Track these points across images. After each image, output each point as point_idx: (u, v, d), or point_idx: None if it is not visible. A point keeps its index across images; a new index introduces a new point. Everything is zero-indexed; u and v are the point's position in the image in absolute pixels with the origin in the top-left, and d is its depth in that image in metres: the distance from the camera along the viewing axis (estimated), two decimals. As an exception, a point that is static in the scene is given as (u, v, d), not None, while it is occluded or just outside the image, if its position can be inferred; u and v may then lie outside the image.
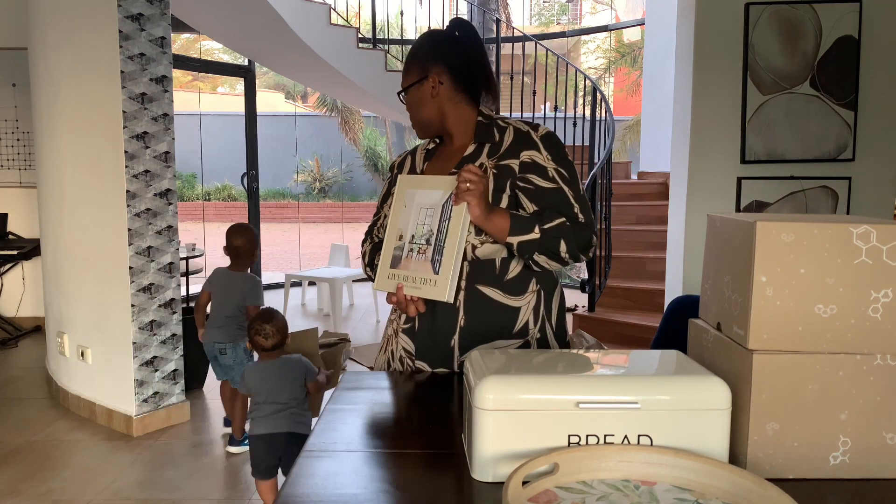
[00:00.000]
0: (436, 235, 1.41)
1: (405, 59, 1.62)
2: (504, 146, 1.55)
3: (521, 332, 1.54)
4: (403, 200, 1.48)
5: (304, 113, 19.36)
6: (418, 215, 1.45)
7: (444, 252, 1.40)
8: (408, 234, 1.45)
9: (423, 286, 1.41)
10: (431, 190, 1.45)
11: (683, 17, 3.28)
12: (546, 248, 1.45)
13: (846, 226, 0.97)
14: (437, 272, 1.39)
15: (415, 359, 1.56)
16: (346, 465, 1.06)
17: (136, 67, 3.35)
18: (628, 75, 13.31)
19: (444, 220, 1.41)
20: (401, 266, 1.45)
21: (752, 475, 0.87)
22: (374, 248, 1.65)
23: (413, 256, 1.44)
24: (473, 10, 8.86)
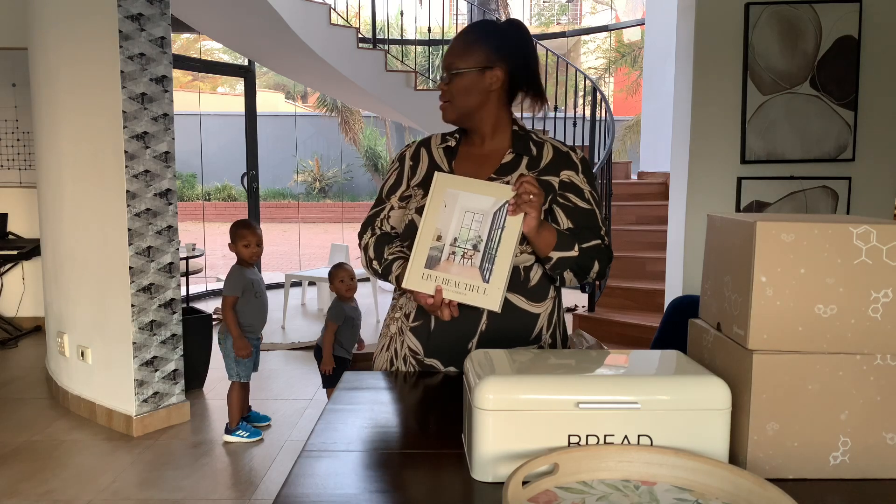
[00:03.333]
0: (485, 243, 1.38)
1: (465, 37, 1.54)
2: (544, 162, 1.57)
3: (536, 339, 1.56)
4: (443, 199, 1.41)
5: (304, 113, 19.36)
6: (462, 218, 1.40)
7: (495, 261, 1.37)
8: (449, 236, 1.40)
9: (468, 292, 1.38)
10: (481, 195, 1.40)
11: (683, 17, 3.28)
12: (580, 266, 1.49)
13: (846, 226, 0.97)
14: (488, 281, 1.37)
15: (423, 358, 1.54)
16: (346, 465, 1.06)
17: (136, 67, 3.35)
18: (628, 75, 13.31)
19: (495, 227, 1.38)
20: (439, 268, 1.39)
21: (752, 475, 0.87)
22: (382, 241, 1.59)
23: (455, 260, 1.39)
24: (473, 10, 8.85)
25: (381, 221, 1.63)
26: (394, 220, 1.61)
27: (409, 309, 1.57)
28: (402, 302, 1.60)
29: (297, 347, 5.25)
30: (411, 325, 1.56)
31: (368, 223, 1.65)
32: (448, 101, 1.55)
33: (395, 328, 1.61)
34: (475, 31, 1.55)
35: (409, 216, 1.56)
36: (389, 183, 1.65)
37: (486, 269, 1.37)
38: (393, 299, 1.66)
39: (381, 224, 1.62)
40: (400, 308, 1.61)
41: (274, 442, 3.43)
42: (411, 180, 1.61)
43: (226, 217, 14.14)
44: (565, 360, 1.14)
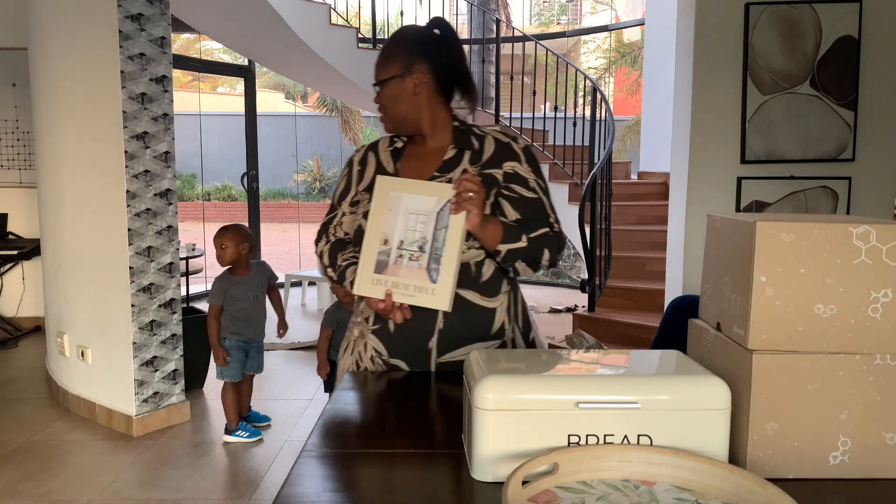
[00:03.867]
0: (430, 243, 1.39)
1: (384, 50, 1.58)
2: (486, 155, 1.57)
3: (499, 333, 1.57)
4: (387, 203, 1.43)
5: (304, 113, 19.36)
6: (407, 220, 1.41)
7: (442, 261, 1.38)
8: (395, 240, 1.41)
9: (417, 294, 1.39)
10: (423, 195, 1.41)
11: (683, 17, 3.28)
12: (530, 256, 1.49)
13: (846, 226, 0.97)
14: (436, 281, 1.38)
15: (388, 358, 1.55)
16: (346, 465, 1.06)
17: (136, 67, 3.35)
18: (628, 75, 13.31)
19: (439, 227, 1.39)
20: (387, 272, 1.41)
21: (751, 475, 0.87)
22: (336, 248, 1.61)
23: (403, 263, 1.40)
24: (473, 10, 8.85)
25: (334, 228, 1.64)
26: (346, 226, 1.63)
27: (368, 313, 1.59)
28: (362, 306, 1.62)
29: (298, 347, 5.25)
30: (372, 328, 1.57)
31: (323, 230, 1.66)
32: (383, 112, 1.59)
33: (357, 332, 1.62)
34: (392, 40, 1.60)
35: (358, 221, 1.57)
36: (340, 189, 1.66)
37: (432, 269, 1.39)
38: (356, 303, 1.67)
39: (335, 231, 1.64)
40: (361, 312, 1.62)
41: (274, 442, 3.43)
42: (359, 185, 1.63)
43: (226, 217, 14.12)
44: (565, 360, 1.14)
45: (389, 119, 1.58)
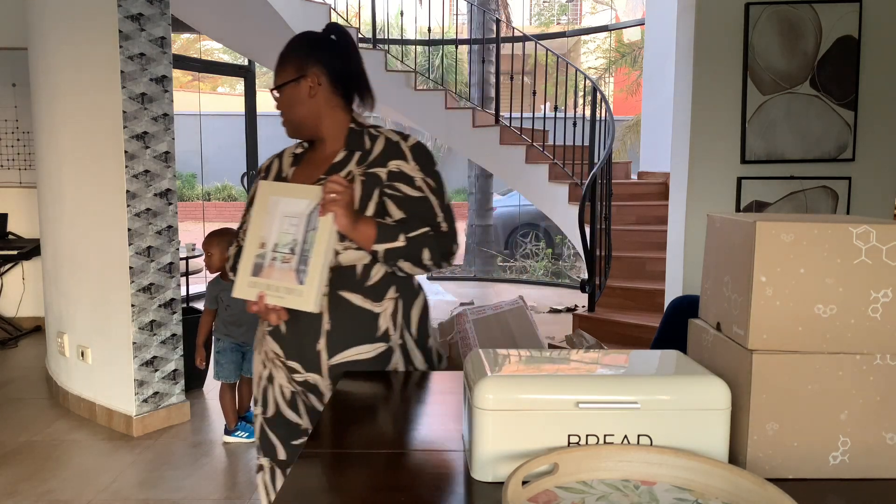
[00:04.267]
0: (300, 245, 1.41)
1: (280, 56, 1.59)
2: (374, 154, 1.56)
3: (384, 337, 1.55)
4: (266, 207, 1.46)
5: (304, 113, 19.28)
6: (282, 224, 1.44)
7: (309, 262, 1.40)
8: (270, 243, 1.44)
9: (287, 296, 1.41)
10: (296, 198, 1.44)
11: (683, 17, 3.28)
12: (411, 256, 1.48)
13: (846, 226, 0.97)
14: (303, 282, 1.39)
15: (285, 360, 1.57)
16: (346, 465, 1.06)
17: (136, 67, 3.35)
18: (628, 75, 13.30)
19: (309, 229, 1.41)
20: (263, 274, 1.44)
21: (751, 475, 0.87)
22: (237, 253, 1.64)
23: (276, 265, 1.43)
24: (473, 10, 8.85)
25: (241, 234, 1.66)
26: None
27: None
28: None
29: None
30: (268, 329, 1.60)
31: (235, 235, 1.71)
32: (284, 117, 1.60)
33: (260, 332, 1.65)
34: (287, 47, 1.61)
35: None
36: (250, 196, 1.66)
37: (301, 270, 1.40)
38: None
39: (240, 236, 1.66)
40: None
41: (274, 442, 3.43)
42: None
43: (226, 217, 14.12)
44: (565, 360, 1.14)
45: (288, 123, 1.59)
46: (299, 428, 1.61)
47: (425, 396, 1.43)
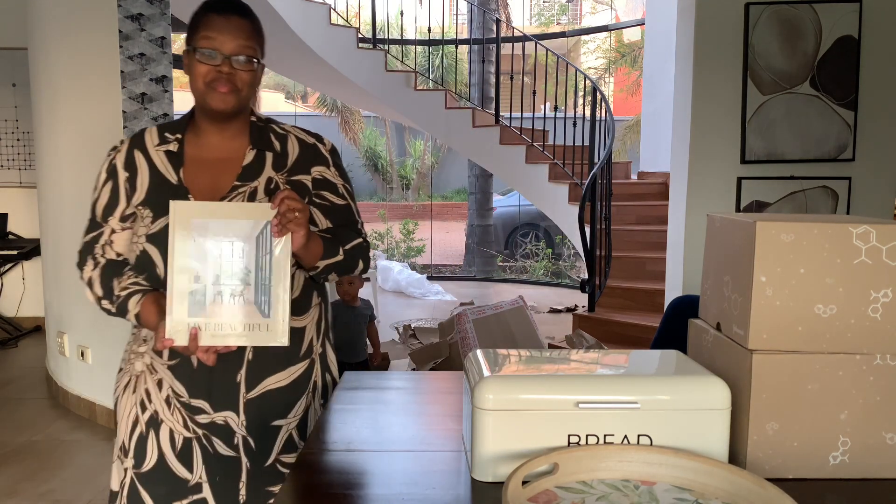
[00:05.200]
0: (255, 273, 1.21)
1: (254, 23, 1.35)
2: (291, 159, 1.40)
3: (307, 353, 1.42)
4: (189, 233, 1.21)
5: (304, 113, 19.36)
6: (220, 250, 1.21)
7: (271, 291, 1.21)
8: (209, 275, 1.21)
9: (250, 333, 1.22)
10: (236, 220, 1.22)
11: (683, 17, 3.28)
12: (344, 267, 1.39)
13: (846, 226, 0.97)
14: (268, 315, 1.21)
15: (189, 399, 1.33)
16: (346, 465, 1.06)
17: (136, 67, 3.35)
18: (628, 75, 13.30)
19: (262, 254, 1.21)
20: (208, 314, 1.21)
21: (751, 475, 0.87)
22: (108, 272, 1.35)
23: (224, 301, 1.21)
24: (473, 10, 8.85)
25: (101, 248, 1.37)
26: (119, 245, 1.37)
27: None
28: (144, 333, 1.37)
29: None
30: (168, 363, 1.34)
31: (87, 252, 1.38)
32: (234, 90, 1.31)
33: (141, 365, 1.38)
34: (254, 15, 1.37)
35: (140, 245, 1.32)
36: (103, 202, 1.37)
37: (262, 302, 1.22)
38: (134, 328, 1.41)
39: (104, 251, 1.37)
40: (145, 341, 1.38)
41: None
42: (132, 197, 1.36)
43: (226, 217, 14.08)
44: (565, 360, 1.14)
45: (239, 100, 1.32)
46: (186, 484, 1.35)
47: (425, 396, 1.43)
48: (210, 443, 1.34)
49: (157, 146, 1.37)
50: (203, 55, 1.29)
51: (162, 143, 1.37)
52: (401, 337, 5.40)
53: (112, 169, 1.38)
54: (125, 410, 1.41)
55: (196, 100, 1.35)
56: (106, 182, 1.38)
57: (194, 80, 1.31)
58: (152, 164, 1.36)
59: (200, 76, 1.30)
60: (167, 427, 1.35)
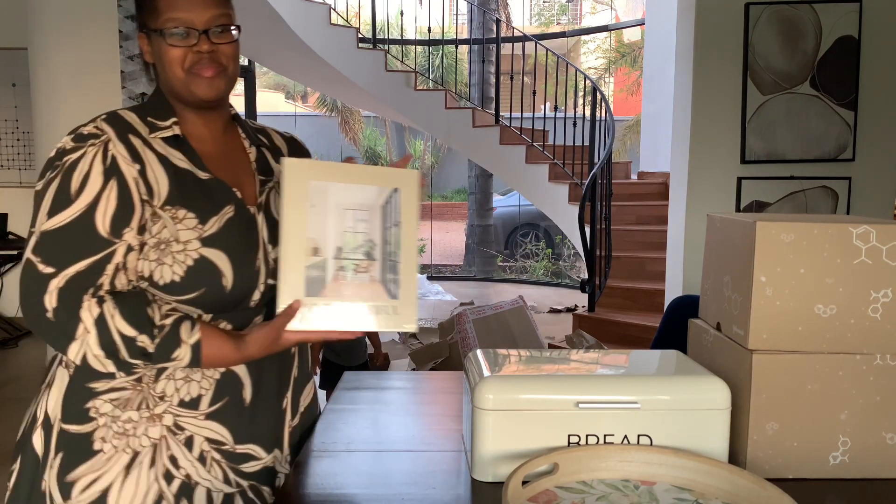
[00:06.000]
0: (381, 247, 1.04)
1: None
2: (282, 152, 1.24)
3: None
4: (306, 197, 1.01)
5: (304, 113, 19.36)
6: (343, 219, 1.03)
7: (400, 268, 1.04)
8: (329, 247, 1.02)
9: (377, 316, 1.03)
10: (359, 184, 1.04)
11: (683, 17, 3.28)
12: None
13: (846, 226, 0.97)
14: (396, 295, 1.04)
15: (235, 446, 1.07)
16: (346, 465, 1.06)
17: (136, 67, 3.35)
18: (628, 75, 13.30)
19: (388, 225, 1.05)
20: (327, 292, 1.01)
21: (751, 475, 0.87)
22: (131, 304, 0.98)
23: (347, 276, 1.02)
24: (473, 10, 8.85)
25: (107, 280, 0.99)
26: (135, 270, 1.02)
27: (192, 392, 1.04)
28: (165, 388, 1.03)
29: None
30: (209, 410, 1.05)
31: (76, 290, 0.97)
32: (221, 71, 1.09)
33: (157, 432, 1.03)
34: None
35: (193, 253, 1.02)
36: (109, 210, 1.00)
37: (389, 280, 1.04)
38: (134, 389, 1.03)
39: (112, 282, 0.99)
40: (163, 398, 1.03)
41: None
42: (153, 199, 1.03)
43: (226, 217, 14.08)
44: (565, 360, 1.14)
45: (228, 80, 1.11)
46: None
47: (425, 396, 1.43)
48: (258, 494, 1.10)
49: (152, 135, 1.08)
50: (175, 37, 1.06)
51: (154, 130, 1.09)
52: (401, 337, 5.40)
53: (112, 163, 1.02)
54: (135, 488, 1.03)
55: (174, 91, 1.10)
56: (107, 182, 1.00)
57: (168, 69, 1.08)
58: (160, 155, 1.07)
59: (176, 62, 1.07)
60: (203, 489, 1.05)
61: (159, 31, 1.07)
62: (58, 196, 0.99)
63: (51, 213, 0.99)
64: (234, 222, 1.07)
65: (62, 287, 0.97)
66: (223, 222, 1.06)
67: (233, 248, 1.05)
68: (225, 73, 1.10)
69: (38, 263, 0.98)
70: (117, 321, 0.97)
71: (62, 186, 1.00)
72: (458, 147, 7.01)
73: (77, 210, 0.99)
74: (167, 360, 0.99)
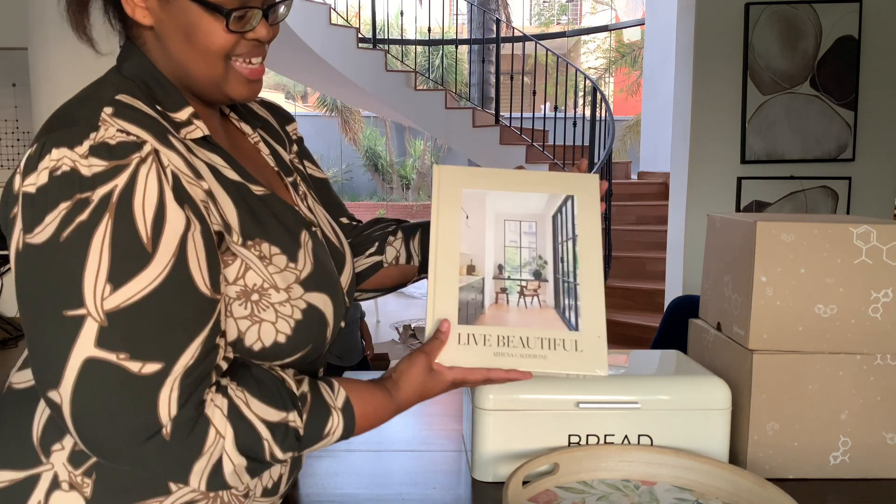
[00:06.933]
0: (554, 265, 0.84)
1: None
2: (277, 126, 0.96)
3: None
4: (460, 206, 0.86)
5: (304, 113, 19.38)
6: (504, 232, 0.85)
7: (581, 292, 0.82)
8: (488, 264, 0.83)
9: (549, 352, 0.79)
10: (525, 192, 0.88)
11: (683, 17, 3.28)
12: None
13: (846, 226, 0.97)
14: (577, 326, 0.80)
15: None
16: (346, 465, 1.06)
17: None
18: (628, 75, 13.31)
19: (562, 239, 0.85)
20: (485, 318, 0.80)
21: (752, 475, 0.87)
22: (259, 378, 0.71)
23: (510, 301, 0.82)
24: (473, 10, 8.85)
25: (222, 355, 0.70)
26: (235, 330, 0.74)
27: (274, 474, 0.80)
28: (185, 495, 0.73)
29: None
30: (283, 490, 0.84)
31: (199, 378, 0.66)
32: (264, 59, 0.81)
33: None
34: None
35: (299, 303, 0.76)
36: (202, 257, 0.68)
37: (567, 307, 0.82)
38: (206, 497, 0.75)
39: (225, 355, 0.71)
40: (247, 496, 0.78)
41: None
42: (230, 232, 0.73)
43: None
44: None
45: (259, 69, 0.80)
46: None
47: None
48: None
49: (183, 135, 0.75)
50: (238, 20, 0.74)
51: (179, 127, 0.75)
52: (401, 337, 5.40)
53: (177, 185, 0.69)
54: None
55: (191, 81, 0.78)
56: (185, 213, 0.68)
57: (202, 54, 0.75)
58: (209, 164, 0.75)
59: (219, 51, 0.75)
60: None
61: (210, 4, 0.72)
62: (120, 250, 0.64)
63: (117, 280, 0.64)
64: (317, 252, 0.82)
65: (181, 386, 0.65)
66: (310, 254, 0.80)
67: (331, 287, 0.81)
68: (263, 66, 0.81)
69: (124, 363, 0.63)
70: (255, 406, 0.69)
71: (122, 234, 0.64)
72: (458, 147, 7.01)
73: (164, 265, 0.65)
74: (319, 438, 0.73)
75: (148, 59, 0.80)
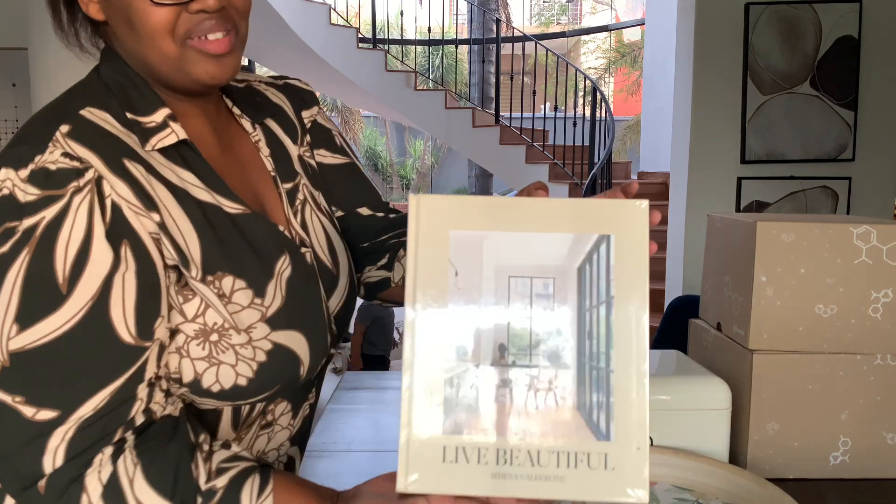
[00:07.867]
0: (578, 343, 0.60)
1: None
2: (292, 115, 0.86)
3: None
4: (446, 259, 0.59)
5: (304, 113, 19.34)
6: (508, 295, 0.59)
7: (614, 385, 0.60)
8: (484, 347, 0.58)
9: (571, 471, 0.57)
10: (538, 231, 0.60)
11: (683, 17, 3.28)
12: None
13: (846, 226, 0.97)
14: (609, 435, 0.59)
15: None
16: (346, 465, 1.06)
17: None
18: (628, 75, 13.31)
19: (592, 304, 0.61)
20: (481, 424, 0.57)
21: (752, 475, 0.87)
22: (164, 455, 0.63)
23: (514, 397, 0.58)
24: (473, 10, 8.85)
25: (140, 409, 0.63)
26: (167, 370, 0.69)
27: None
28: None
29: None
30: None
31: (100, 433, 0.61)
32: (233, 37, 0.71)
33: None
34: None
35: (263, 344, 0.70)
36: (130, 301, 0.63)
37: (595, 405, 0.59)
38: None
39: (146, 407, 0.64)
40: None
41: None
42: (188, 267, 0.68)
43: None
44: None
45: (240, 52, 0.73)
46: None
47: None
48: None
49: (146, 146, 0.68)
50: None
51: (144, 135, 0.69)
52: (401, 337, 5.42)
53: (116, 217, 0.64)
54: None
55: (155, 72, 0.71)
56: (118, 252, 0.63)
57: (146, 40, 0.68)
58: (173, 186, 0.68)
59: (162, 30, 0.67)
60: None
61: None
62: (31, 289, 0.60)
63: (24, 320, 0.60)
64: (294, 281, 0.73)
65: (72, 438, 0.60)
66: (284, 286, 0.71)
67: (306, 322, 0.73)
68: (238, 39, 0.72)
69: (19, 406, 0.59)
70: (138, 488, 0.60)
71: (37, 272, 0.60)
72: (457, 147, 7.01)
73: (78, 309, 0.60)
74: None
75: (121, 59, 0.73)
